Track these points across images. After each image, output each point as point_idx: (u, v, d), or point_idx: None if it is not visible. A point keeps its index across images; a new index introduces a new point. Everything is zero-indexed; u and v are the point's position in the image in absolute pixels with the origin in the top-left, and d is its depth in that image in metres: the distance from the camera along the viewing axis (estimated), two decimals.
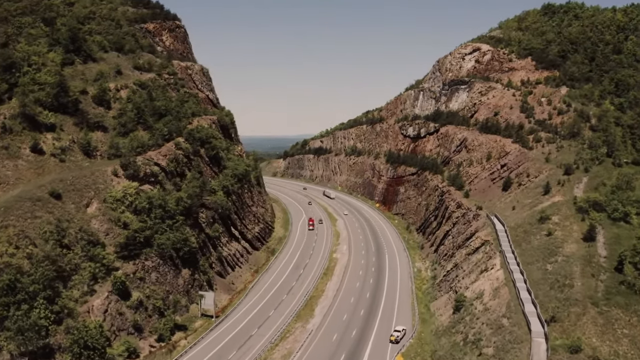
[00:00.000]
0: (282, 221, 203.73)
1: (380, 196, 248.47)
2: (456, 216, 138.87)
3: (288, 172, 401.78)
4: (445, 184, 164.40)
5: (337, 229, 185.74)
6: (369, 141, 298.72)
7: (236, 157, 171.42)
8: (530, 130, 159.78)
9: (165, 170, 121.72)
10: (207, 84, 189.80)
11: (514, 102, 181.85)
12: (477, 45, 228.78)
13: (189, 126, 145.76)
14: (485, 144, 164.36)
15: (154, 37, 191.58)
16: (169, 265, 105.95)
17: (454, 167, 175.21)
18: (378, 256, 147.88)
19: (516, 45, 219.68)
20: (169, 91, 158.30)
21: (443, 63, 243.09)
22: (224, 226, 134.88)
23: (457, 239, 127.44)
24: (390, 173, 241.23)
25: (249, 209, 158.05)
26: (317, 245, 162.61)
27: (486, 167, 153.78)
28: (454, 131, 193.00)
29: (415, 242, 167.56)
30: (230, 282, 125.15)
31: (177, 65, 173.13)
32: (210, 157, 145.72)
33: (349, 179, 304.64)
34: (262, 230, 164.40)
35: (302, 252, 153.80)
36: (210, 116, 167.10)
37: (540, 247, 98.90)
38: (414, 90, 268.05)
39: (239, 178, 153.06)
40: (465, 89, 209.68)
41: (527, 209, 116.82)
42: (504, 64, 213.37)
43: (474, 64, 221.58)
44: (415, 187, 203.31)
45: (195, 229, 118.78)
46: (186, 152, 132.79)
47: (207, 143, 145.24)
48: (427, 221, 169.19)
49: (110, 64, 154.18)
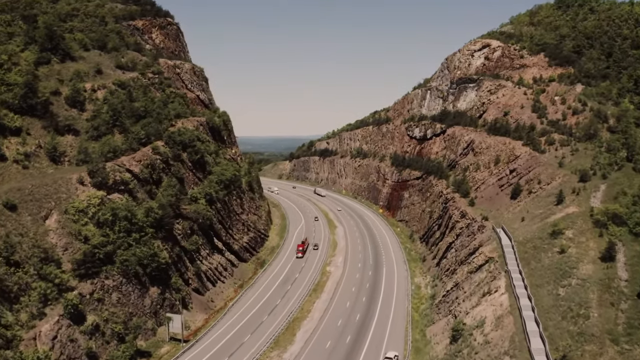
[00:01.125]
0: (279, 228, 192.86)
1: (384, 201, 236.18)
2: (460, 227, 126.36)
3: (293, 174, 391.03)
4: (450, 191, 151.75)
5: (336, 238, 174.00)
6: (375, 143, 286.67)
7: (226, 161, 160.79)
8: (543, 131, 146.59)
9: (138, 177, 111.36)
10: (198, 84, 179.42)
11: (525, 101, 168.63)
12: (486, 41, 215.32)
13: (171, 129, 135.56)
14: (494, 147, 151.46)
15: (143, 35, 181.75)
16: (133, 283, 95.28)
17: (460, 171, 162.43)
18: (375, 270, 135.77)
19: (528, 40, 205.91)
20: (152, 91, 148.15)
21: (451, 61, 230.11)
22: (204, 237, 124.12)
23: (460, 253, 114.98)
24: (395, 177, 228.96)
25: (237, 217, 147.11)
26: (311, 256, 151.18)
27: (494, 172, 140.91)
28: (460, 132, 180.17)
29: (417, 254, 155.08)
30: (209, 300, 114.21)
31: (163, 64, 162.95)
32: (193, 162, 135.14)
33: (354, 182, 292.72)
34: (253, 240, 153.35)
35: (294, 264, 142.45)
36: (197, 118, 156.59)
37: (551, 266, 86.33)
38: (421, 89, 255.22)
39: (226, 184, 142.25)
40: (474, 87, 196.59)
41: (537, 221, 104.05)
42: (515, 61, 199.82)
43: (483, 61, 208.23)
44: (419, 192, 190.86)
45: (168, 242, 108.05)
46: (164, 156, 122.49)
47: (190, 146, 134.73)
48: (431, 230, 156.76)
49: (90, 62, 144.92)
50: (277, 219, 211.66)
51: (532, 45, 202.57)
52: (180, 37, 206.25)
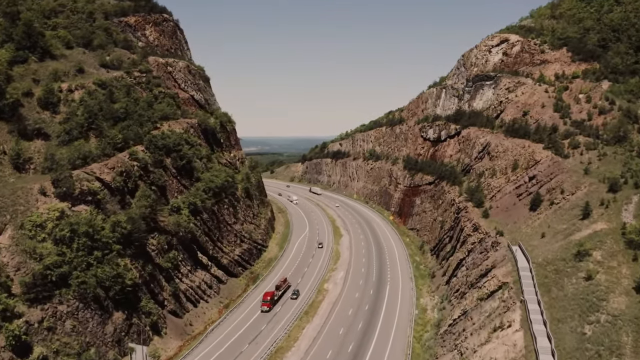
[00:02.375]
0: (280, 237, 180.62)
1: (396, 207, 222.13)
2: (472, 242, 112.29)
3: (305, 177, 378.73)
4: (463, 199, 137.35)
5: (339, 249, 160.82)
6: (388, 144, 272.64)
7: (220, 166, 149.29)
8: (566, 133, 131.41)
9: (110, 186, 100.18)
10: (193, 83, 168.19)
11: (547, 100, 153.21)
12: (505, 36, 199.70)
13: (155, 132, 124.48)
14: (512, 150, 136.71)
15: (135, 32, 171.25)
16: (92, 309, 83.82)
17: (474, 177, 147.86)
18: (378, 288, 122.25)
19: (549, 34, 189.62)
20: (138, 91, 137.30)
21: (468, 57, 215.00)
22: (186, 252, 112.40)
23: (471, 272, 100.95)
24: (407, 181, 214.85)
25: (228, 228, 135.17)
26: (310, 270, 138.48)
27: (511, 179, 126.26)
28: (476, 134, 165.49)
29: (427, 268, 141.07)
30: (187, 323, 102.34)
31: (153, 62, 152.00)
32: (178, 168, 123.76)
33: (365, 186, 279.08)
34: (247, 252, 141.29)
35: (291, 278, 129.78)
36: (188, 119, 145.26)
37: (576, 296, 72.11)
38: (436, 88, 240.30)
39: (216, 192, 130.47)
40: (491, 85, 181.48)
41: (560, 238, 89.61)
42: (536, 56, 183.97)
43: (501, 57, 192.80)
44: (431, 199, 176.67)
45: (139, 259, 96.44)
46: (143, 163, 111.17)
47: (174, 151, 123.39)
48: (442, 242, 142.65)
49: (72, 61, 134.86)
50: (280, 226, 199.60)
51: (553, 40, 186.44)
52: (178, 34, 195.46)
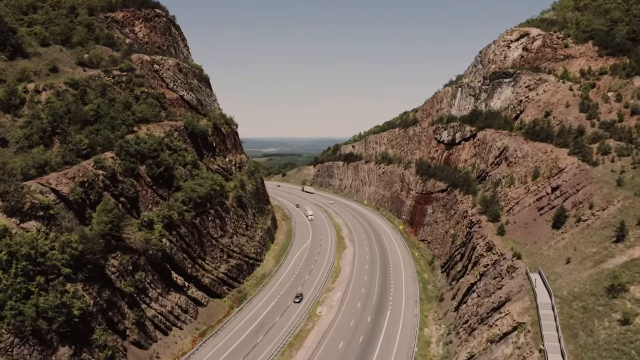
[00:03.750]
0: (279, 248, 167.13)
1: (407, 215, 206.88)
2: (485, 264, 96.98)
3: (317, 180, 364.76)
4: (476, 211, 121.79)
5: (340, 264, 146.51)
6: (401, 147, 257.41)
7: (209, 173, 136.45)
8: (594, 136, 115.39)
9: (67, 199, 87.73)
10: (184, 83, 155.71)
11: (571, 99, 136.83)
12: (525, 29, 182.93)
13: (129, 136, 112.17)
14: (532, 156, 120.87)
15: (123, 28, 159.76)
16: (31, 344, 71.09)
17: (490, 185, 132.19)
18: (377, 314, 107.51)
19: (573, 27, 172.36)
20: (117, 91, 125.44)
21: (486, 54, 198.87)
22: (156, 273, 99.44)
23: (482, 302, 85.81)
24: (419, 187, 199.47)
25: (213, 243, 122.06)
26: (305, 288, 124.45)
27: (531, 190, 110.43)
28: (492, 137, 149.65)
29: (435, 288, 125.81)
30: (153, 356, 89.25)
31: (137, 60, 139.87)
32: (154, 177, 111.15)
33: (377, 191, 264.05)
34: (235, 269, 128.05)
35: (280, 301, 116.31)
36: (172, 122, 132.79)
37: (609, 344, 56.99)
38: (452, 87, 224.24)
39: (198, 202, 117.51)
40: (510, 82, 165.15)
41: (589, 266, 74.16)
42: (558, 51, 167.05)
43: (521, 52, 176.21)
44: (443, 208, 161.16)
45: (94, 284, 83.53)
46: (110, 171, 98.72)
47: (150, 157, 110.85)
48: (453, 259, 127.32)
49: (46, 59, 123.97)
50: (282, 235, 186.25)
51: (578, 33, 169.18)
52: (173, 31, 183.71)
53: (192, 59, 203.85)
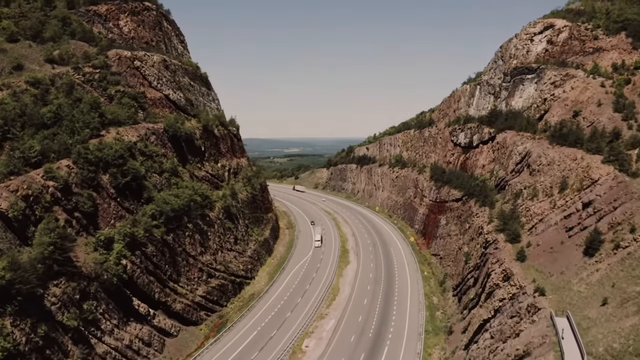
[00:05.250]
0: (276, 262, 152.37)
1: (420, 224, 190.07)
2: (500, 297, 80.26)
3: (330, 184, 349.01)
4: (492, 228, 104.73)
5: (339, 283, 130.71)
6: (416, 149, 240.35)
7: (192, 181, 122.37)
8: (633, 140, 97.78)
9: (4, 215, 74.37)
10: (170, 81, 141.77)
11: (604, 96, 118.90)
12: (549, 21, 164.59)
13: (93, 141, 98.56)
14: (559, 163, 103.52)
15: (106, 22, 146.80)
16: None
17: (510, 197, 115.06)
18: (373, 350, 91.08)
19: (603, 17, 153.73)
20: (86, 90, 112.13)
21: (507, 49, 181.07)
22: (112, 301, 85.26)
23: (496, 349, 69.22)
24: (433, 194, 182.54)
25: (190, 262, 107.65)
26: (294, 315, 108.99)
27: (558, 204, 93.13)
28: (513, 140, 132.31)
29: (445, 316, 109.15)
30: None
31: (114, 56, 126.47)
32: (119, 188, 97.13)
33: (390, 196, 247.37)
34: (218, 290, 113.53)
35: (264, 330, 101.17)
36: (150, 124, 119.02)
37: None
38: (470, 84, 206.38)
39: (171, 217, 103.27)
40: (533, 79, 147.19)
41: (633, 311, 57.32)
42: (587, 43, 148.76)
43: (545, 45, 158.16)
44: (458, 220, 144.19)
45: (28, 318, 69.63)
46: (62, 182, 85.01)
47: (115, 165, 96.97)
48: (465, 282, 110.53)
49: (11, 56, 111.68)
50: (281, 246, 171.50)
51: (609, 23, 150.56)
52: (164, 25, 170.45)
53: (188, 56, 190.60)
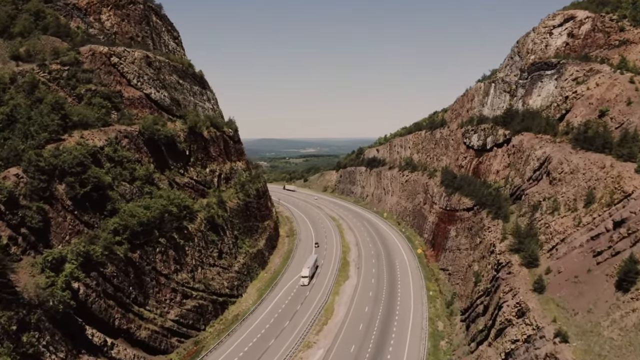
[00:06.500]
0: (270, 276, 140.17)
1: (429, 233, 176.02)
2: (513, 337, 66.53)
3: (339, 187, 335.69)
4: (506, 247, 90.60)
5: (335, 303, 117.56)
6: (427, 152, 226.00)
7: (169, 189, 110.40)
8: None
9: None
10: (153, 79, 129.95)
11: (634, 93, 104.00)
12: (570, 12, 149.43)
13: (49, 146, 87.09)
14: (584, 171, 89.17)
15: (86, 16, 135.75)
16: None
17: (527, 209, 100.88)
18: None
19: (629, 7, 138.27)
20: (51, 89, 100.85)
21: (524, 43, 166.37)
22: (60, 331, 73.27)
23: None
24: (443, 201, 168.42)
25: (161, 281, 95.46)
26: (278, 342, 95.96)
27: (584, 221, 78.82)
28: (530, 143, 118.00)
29: (450, 346, 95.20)
30: None
31: (87, 52, 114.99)
32: (76, 199, 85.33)
33: (399, 202, 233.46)
34: (195, 312, 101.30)
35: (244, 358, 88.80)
36: (123, 126, 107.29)
37: None
38: (484, 82, 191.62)
39: (138, 231, 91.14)
40: (553, 75, 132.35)
41: None
42: (613, 36, 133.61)
43: (565, 39, 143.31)
44: (468, 232, 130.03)
45: None
46: (5, 194, 73.48)
47: (72, 174, 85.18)
48: (474, 308, 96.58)
49: None
50: (277, 258, 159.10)
51: (636, 13, 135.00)
52: (153, 20, 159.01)
53: (182, 53, 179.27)
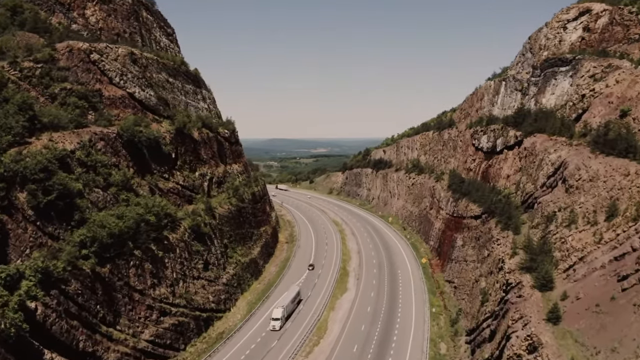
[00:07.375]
0: (263, 287, 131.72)
1: (435, 241, 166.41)
2: None
3: (345, 189, 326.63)
4: (516, 265, 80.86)
5: (329, 320, 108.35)
6: (434, 153, 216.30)
7: (150, 197, 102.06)
8: None
9: None
10: (137, 77, 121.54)
11: None
12: (585, 5, 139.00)
13: (12, 150, 78.96)
14: (605, 179, 79.30)
15: (69, 12, 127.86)
16: None
17: (540, 219, 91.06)
18: None
19: None
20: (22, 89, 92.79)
21: (536, 39, 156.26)
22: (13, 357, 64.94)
23: None
24: (450, 207, 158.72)
25: (135, 298, 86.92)
26: None
27: (605, 238, 68.95)
28: (544, 146, 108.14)
29: None
30: None
31: (63, 48, 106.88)
32: (39, 208, 77.04)
33: (405, 206, 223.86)
34: (173, 330, 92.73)
35: None
36: (99, 128, 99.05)
37: None
38: (494, 80, 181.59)
39: (108, 243, 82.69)
40: (568, 72, 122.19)
41: None
42: (632, 29, 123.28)
43: (581, 33, 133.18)
44: (476, 242, 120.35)
45: None
46: None
47: (34, 181, 76.94)
48: (480, 331, 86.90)
49: None
50: (273, 266, 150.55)
51: None
52: (143, 15, 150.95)
53: (176, 50, 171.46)
